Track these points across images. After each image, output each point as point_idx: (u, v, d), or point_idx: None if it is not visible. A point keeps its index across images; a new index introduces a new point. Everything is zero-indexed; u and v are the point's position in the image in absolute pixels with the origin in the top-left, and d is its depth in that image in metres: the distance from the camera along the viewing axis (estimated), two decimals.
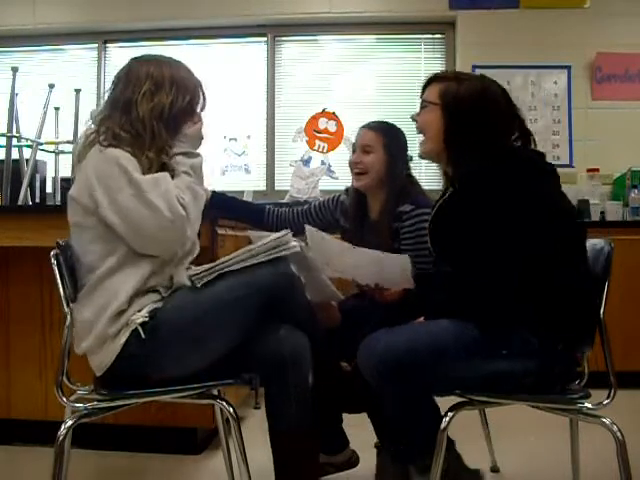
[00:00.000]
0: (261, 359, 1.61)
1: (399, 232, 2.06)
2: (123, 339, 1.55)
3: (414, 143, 1.93)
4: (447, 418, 1.50)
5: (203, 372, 1.59)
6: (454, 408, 1.53)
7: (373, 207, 2.19)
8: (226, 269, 1.60)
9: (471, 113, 1.62)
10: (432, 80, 1.74)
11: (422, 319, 1.64)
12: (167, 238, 1.59)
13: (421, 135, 1.74)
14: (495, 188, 1.53)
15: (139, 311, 1.56)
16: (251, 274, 1.59)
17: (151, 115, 1.64)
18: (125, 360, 1.56)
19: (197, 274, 1.60)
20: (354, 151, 2.21)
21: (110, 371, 1.59)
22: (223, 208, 2.26)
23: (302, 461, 1.63)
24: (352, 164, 2.19)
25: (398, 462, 1.67)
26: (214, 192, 2.20)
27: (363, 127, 2.22)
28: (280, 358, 1.58)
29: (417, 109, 1.77)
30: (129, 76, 1.69)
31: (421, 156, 1.77)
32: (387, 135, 2.16)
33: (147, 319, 1.54)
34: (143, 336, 1.53)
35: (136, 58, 1.75)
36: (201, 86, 1.76)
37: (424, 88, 1.75)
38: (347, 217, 2.24)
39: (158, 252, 1.60)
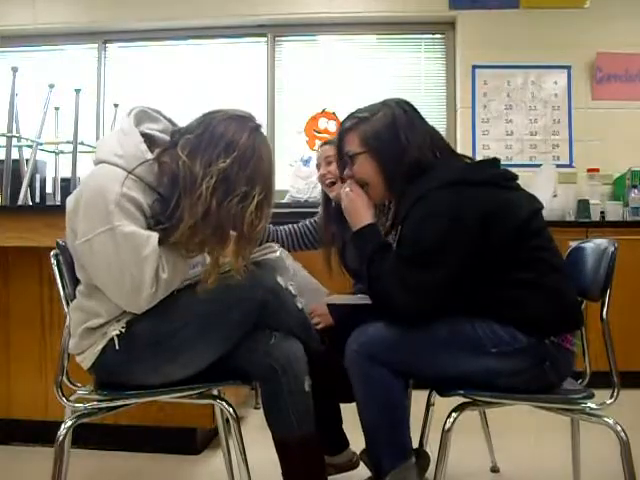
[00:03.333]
0: (253, 369, 1.60)
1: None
2: (99, 347, 1.54)
3: None
4: (451, 419, 1.50)
5: (188, 379, 1.59)
6: (458, 409, 1.52)
7: None
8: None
9: (395, 143, 1.63)
10: (344, 133, 1.73)
11: None
12: (125, 302, 1.51)
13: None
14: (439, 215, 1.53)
15: (117, 321, 1.54)
16: (232, 289, 1.57)
17: (228, 218, 1.50)
18: (101, 367, 1.56)
19: None
20: (318, 169, 2.36)
21: (93, 374, 1.61)
22: None
23: (308, 466, 1.62)
24: (321, 177, 2.33)
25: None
26: None
27: (321, 146, 2.41)
28: (271, 367, 1.57)
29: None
30: (246, 161, 1.52)
31: (375, 203, 1.75)
32: None
33: (123, 330, 1.52)
34: (117, 347, 1.52)
35: (256, 134, 1.57)
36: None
37: (340, 143, 1.74)
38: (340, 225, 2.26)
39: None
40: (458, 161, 1.71)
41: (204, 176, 1.48)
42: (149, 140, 1.57)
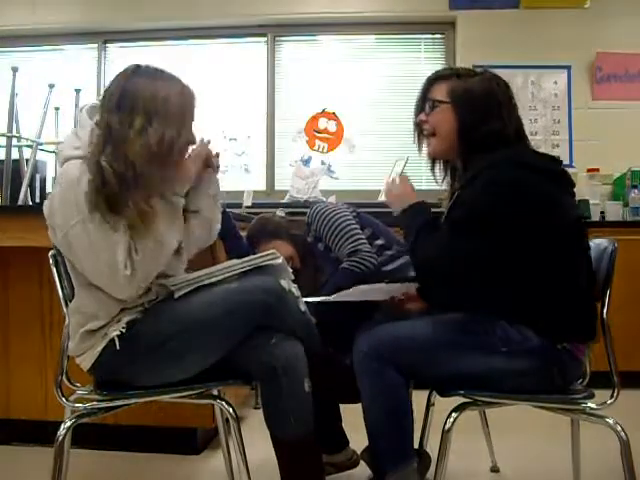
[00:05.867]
0: (253, 368, 1.60)
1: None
2: (99, 348, 1.54)
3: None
4: (451, 419, 1.50)
5: (188, 379, 1.59)
6: (458, 409, 1.52)
7: None
8: (206, 281, 1.59)
9: (483, 107, 1.62)
10: (436, 79, 1.72)
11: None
12: (109, 288, 1.52)
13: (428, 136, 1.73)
14: (509, 184, 1.51)
15: (117, 322, 1.54)
16: (234, 292, 1.58)
17: (141, 156, 1.50)
18: (101, 368, 1.56)
19: (177, 284, 1.58)
20: None
21: (93, 374, 1.61)
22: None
23: (306, 467, 1.62)
24: None
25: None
26: (225, 212, 2.20)
27: None
28: (271, 369, 1.56)
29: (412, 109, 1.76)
30: (123, 102, 1.53)
31: (431, 156, 1.76)
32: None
33: (124, 331, 1.52)
34: (118, 347, 1.52)
35: (131, 75, 1.58)
36: (193, 103, 1.66)
37: (427, 88, 1.73)
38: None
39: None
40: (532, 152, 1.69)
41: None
42: None
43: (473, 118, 1.62)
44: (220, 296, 1.58)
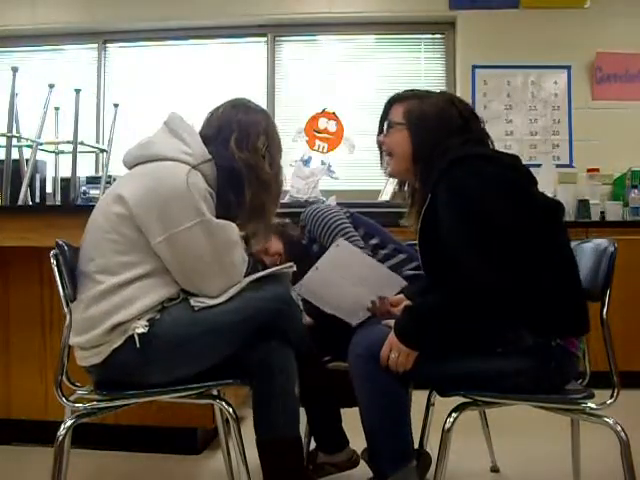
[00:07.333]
0: (249, 368, 1.62)
1: None
2: (117, 344, 1.53)
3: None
4: (451, 419, 1.50)
5: (188, 379, 1.60)
6: (458, 409, 1.52)
7: None
8: (220, 299, 1.61)
9: (436, 128, 1.63)
10: (394, 100, 1.78)
11: None
12: (224, 283, 1.60)
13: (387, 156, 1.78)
14: (475, 185, 1.50)
15: (139, 319, 1.54)
16: (250, 299, 1.61)
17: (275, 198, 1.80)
18: (113, 364, 1.55)
19: (198, 300, 1.59)
20: None
21: (96, 372, 1.60)
22: None
23: (290, 469, 1.63)
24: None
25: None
26: None
27: None
28: (268, 367, 1.60)
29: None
30: (272, 136, 1.90)
31: (391, 175, 1.82)
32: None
33: (146, 329, 1.52)
34: (138, 345, 1.52)
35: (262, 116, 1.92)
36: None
37: (386, 109, 1.80)
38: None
39: (203, 293, 1.60)
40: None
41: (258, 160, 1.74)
42: None
43: (426, 139, 1.64)
44: (236, 303, 1.60)
